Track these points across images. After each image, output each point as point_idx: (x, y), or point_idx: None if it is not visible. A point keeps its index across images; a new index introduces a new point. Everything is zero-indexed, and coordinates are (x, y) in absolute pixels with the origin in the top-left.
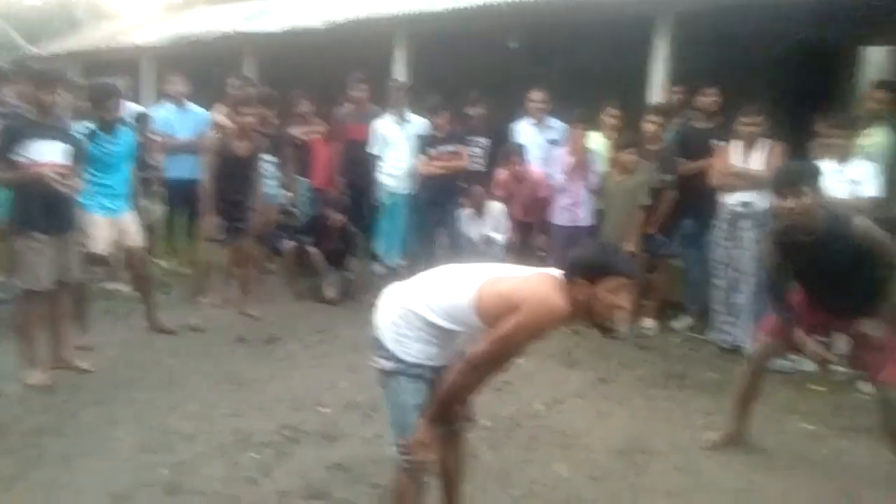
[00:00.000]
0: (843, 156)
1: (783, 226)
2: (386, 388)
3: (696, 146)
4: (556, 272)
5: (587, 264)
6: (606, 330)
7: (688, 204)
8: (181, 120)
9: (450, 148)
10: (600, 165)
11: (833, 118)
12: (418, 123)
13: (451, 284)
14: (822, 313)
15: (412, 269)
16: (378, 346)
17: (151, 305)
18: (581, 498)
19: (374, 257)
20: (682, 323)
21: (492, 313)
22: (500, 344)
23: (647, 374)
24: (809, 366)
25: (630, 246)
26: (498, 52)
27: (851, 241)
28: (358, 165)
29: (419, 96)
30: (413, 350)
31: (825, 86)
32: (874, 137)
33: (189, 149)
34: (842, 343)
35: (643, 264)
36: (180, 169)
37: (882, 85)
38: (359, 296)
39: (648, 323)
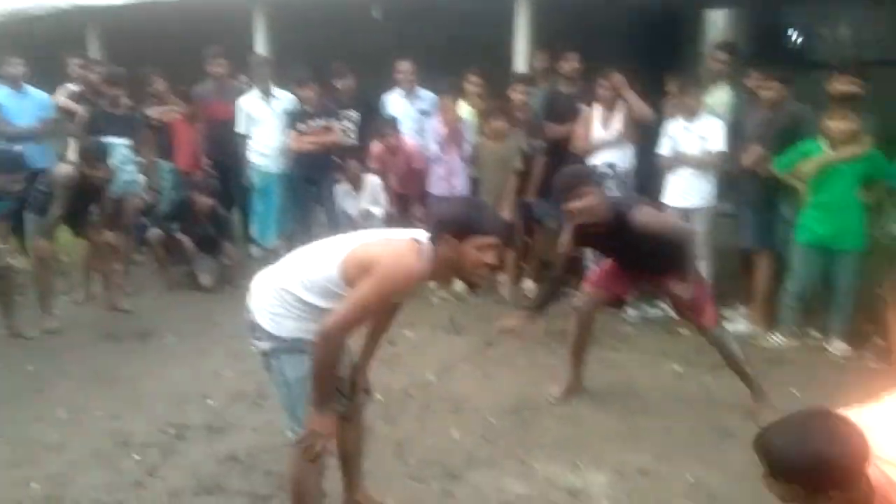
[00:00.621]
0: (692, 114)
1: (575, 224)
2: (269, 370)
3: (562, 110)
4: (423, 234)
5: (454, 222)
6: (473, 284)
7: (558, 167)
8: (19, 105)
9: (320, 123)
10: (471, 134)
11: (681, 79)
12: (285, 98)
13: (320, 258)
14: (633, 276)
15: (290, 249)
16: (254, 329)
17: (9, 308)
18: (475, 458)
19: (249, 240)
20: None
21: (354, 280)
22: (353, 309)
23: (528, 333)
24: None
25: (506, 212)
26: (362, 23)
27: (636, 231)
28: (223, 145)
29: (283, 70)
30: (290, 327)
31: (673, 48)
32: (718, 96)
33: (30, 136)
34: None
35: (521, 229)
36: None
37: (723, 46)
38: (237, 281)
39: (529, 285)
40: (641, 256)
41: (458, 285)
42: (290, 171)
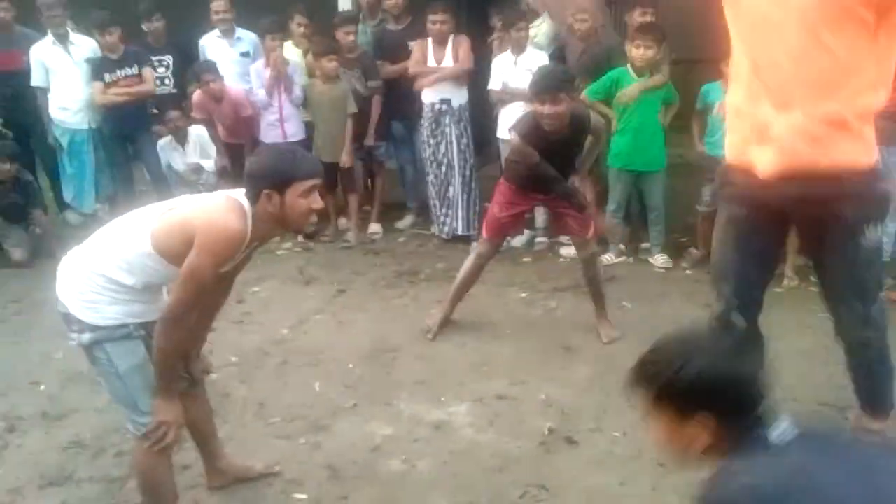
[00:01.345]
0: (518, 47)
1: (535, 126)
2: (95, 364)
3: (392, 48)
4: (239, 193)
5: (269, 174)
6: (305, 233)
7: (394, 107)
8: None
9: (129, 71)
10: (300, 76)
11: (506, 14)
12: (85, 45)
13: (128, 234)
14: (538, 194)
15: (113, 212)
16: (69, 322)
17: None
18: (340, 407)
19: (64, 206)
20: (405, 222)
21: (175, 252)
22: (188, 286)
23: (380, 276)
24: (517, 242)
25: (345, 156)
26: None
27: (582, 131)
28: (17, 101)
29: (80, 13)
30: (110, 313)
31: None
32: (540, 27)
33: None
34: (541, 218)
35: (362, 171)
36: None
37: None
38: (55, 251)
39: (374, 228)
40: (567, 154)
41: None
42: (100, 126)
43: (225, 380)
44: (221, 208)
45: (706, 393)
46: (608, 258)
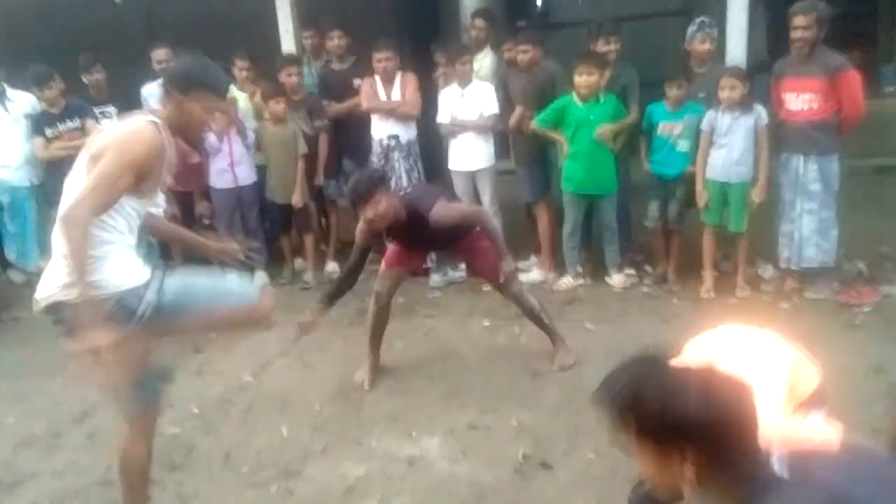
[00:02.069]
0: (464, 80)
1: (373, 228)
2: (162, 311)
3: (338, 88)
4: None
5: (178, 76)
6: (194, 144)
7: (344, 144)
8: None
9: (71, 124)
10: (249, 120)
11: (450, 48)
12: (23, 101)
13: (80, 176)
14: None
15: None
16: (119, 305)
17: None
18: (310, 451)
19: (7, 265)
20: None
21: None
22: (97, 182)
23: (342, 315)
24: None
25: (298, 197)
26: (105, 9)
27: (432, 227)
28: None
29: (16, 69)
30: (113, 272)
31: (434, 19)
32: (483, 62)
33: None
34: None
35: (317, 212)
36: None
37: (481, 14)
38: (1, 313)
39: (332, 266)
40: (436, 241)
41: (259, 278)
42: (43, 182)
43: (188, 432)
44: (136, 118)
45: (688, 424)
46: (566, 282)
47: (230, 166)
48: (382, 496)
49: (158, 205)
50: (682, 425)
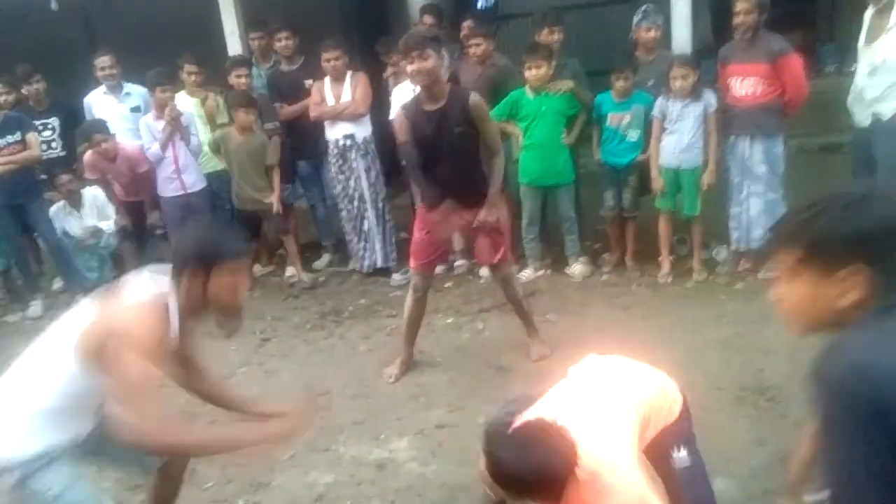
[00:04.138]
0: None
1: (413, 97)
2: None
3: (288, 89)
4: (161, 278)
5: (194, 254)
6: (231, 321)
7: (297, 147)
8: None
9: (11, 138)
10: (195, 125)
11: (395, 46)
12: None
13: (49, 359)
14: (448, 211)
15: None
16: None
17: None
18: (277, 461)
19: None
20: (322, 261)
21: (107, 365)
22: (128, 396)
23: (304, 320)
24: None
25: (276, 204)
26: (41, 17)
27: (467, 112)
28: None
29: None
30: (34, 443)
31: (382, 16)
32: None
33: None
34: (458, 241)
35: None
36: None
37: (428, 10)
38: None
39: (291, 271)
40: (461, 159)
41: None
42: None
43: None
44: (135, 308)
45: (871, 237)
46: (527, 274)
47: (176, 173)
48: (353, 502)
49: (109, 216)
50: (870, 233)
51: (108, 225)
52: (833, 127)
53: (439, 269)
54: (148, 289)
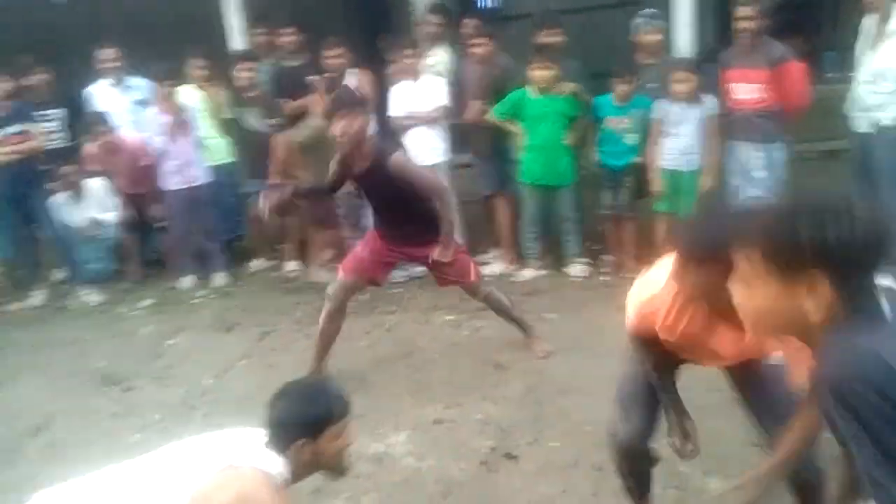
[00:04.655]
0: (415, 75)
1: (342, 152)
2: None
3: (291, 85)
4: (260, 446)
5: (303, 424)
6: (342, 473)
7: None
8: None
9: (14, 129)
10: (200, 120)
11: (400, 43)
12: None
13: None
14: (398, 247)
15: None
16: None
17: None
18: None
19: None
20: (325, 255)
21: None
22: None
23: (304, 314)
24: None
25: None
26: (44, 8)
27: (393, 173)
28: None
29: None
30: None
31: (386, 14)
32: (438, 56)
33: None
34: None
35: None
36: None
37: (434, 9)
38: None
39: (292, 265)
40: (401, 209)
41: (218, 279)
42: None
43: (150, 439)
44: (252, 482)
45: (840, 248)
46: (526, 274)
47: (181, 167)
48: (350, 495)
49: (112, 207)
50: (833, 248)
51: (111, 216)
52: (835, 133)
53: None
54: (265, 462)
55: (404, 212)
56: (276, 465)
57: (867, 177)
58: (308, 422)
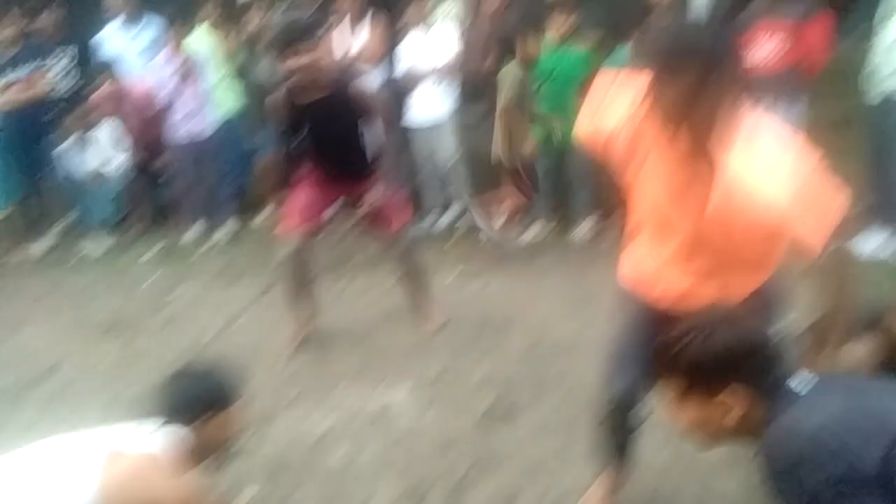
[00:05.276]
0: (429, 22)
1: (295, 85)
2: None
3: (300, 38)
4: (163, 431)
5: (197, 404)
6: (230, 455)
7: None
8: None
9: (24, 71)
10: (211, 66)
11: None
12: None
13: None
14: (331, 187)
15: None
16: None
17: None
18: (277, 405)
19: None
20: (331, 209)
21: None
22: None
23: None
24: (442, 223)
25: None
26: None
27: (349, 97)
28: None
29: None
30: None
31: None
32: (447, 6)
33: None
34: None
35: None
36: None
37: None
38: None
39: None
40: (345, 142)
41: (225, 231)
42: (3, 127)
43: (149, 392)
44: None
45: (736, 363)
46: (535, 231)
47: (188, 117)
48: (349, 448)
49: (119, 154)
50: (734, 360)
51: (121, 158)
52: (853, 96)
53: (442, 223)
54: (155, 445)
55: (348, 145)
56: (169, 446)
57: (881, 143)
58: (202, 403)
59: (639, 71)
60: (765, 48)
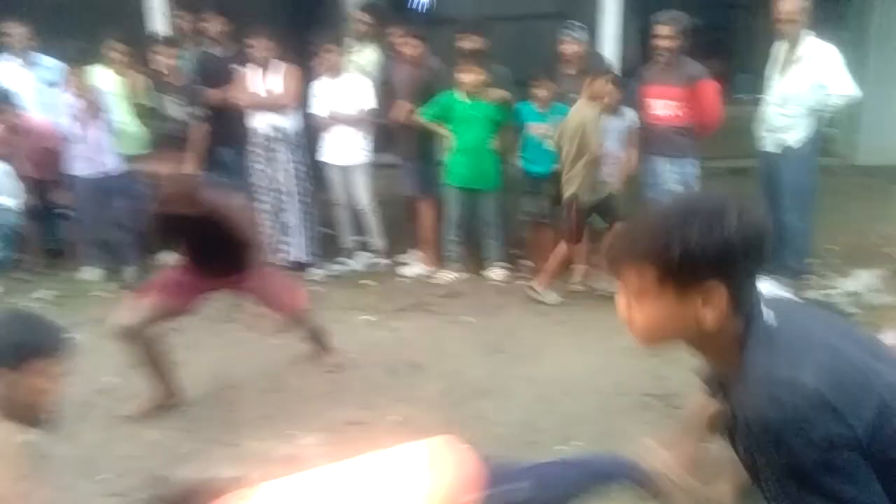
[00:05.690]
0: (336, 72)
1: (166, 196)
2: None
3: (216, 74)
4: None
5: (5, 349)
6: (38, 423)
7: (221, 133)
8: None
9: None
10: (116, 105)
11: (324, 38)
12: None
13: None
14: (206, 279)
15: None
16: None
17: None
18: (178, 455)
19: None
20: None
21: None
22: None
23: (213, 310)
24: (356, 265)
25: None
26: None
27: (220, 220)
28: None
29: None
30: None
31: (316, 8)
32: (366, 55)
33: None
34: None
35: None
36: None
37: (367, 8)
38: None
39: None
40: (216, 245)
41: (128, 273)
42: None
43: (43, 439)
44: None
45: (728, 253)
46: (447, 276)
47: (91, 153)
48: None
49: (11, 196)
50: (723, 255)
51: (13, 202)
52: (744, 152)
53: (358, 264)
54: None
55: (222, 249)
56: None
57: (772, 194)
58: (10, 348)
59: None
60: (659, 108)
